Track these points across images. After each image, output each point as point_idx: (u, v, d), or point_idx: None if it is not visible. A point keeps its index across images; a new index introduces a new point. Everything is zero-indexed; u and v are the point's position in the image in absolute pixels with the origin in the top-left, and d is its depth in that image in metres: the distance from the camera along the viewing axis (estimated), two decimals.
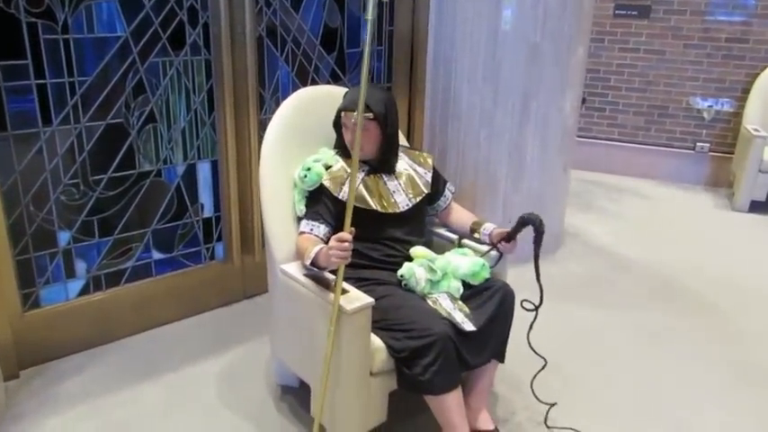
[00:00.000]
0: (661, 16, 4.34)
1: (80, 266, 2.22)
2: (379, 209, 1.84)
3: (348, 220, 1.56)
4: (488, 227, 1.93)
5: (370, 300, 1.64)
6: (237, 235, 2.54)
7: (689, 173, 4.54)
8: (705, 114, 4.41)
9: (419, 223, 1.98)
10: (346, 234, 1.54)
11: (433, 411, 1.72)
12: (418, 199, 1.92)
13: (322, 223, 1.80)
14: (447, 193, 2.07)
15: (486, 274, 1.85)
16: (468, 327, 1.69)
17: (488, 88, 2.88)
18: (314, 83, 2.64)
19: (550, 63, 2.86)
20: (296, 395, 2.07)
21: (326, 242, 1.75)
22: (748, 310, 2.77)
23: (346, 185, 1.83)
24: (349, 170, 1.83)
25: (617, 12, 4.41)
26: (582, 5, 2.88)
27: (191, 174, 2.41)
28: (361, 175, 1.86)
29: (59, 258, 2.16)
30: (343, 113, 1.84)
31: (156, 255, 2.40)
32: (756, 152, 3.91)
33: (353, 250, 1.58)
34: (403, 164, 1.96)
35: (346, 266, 1.61)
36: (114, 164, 2.20)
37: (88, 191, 2.16)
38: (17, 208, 2.03)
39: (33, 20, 1.91)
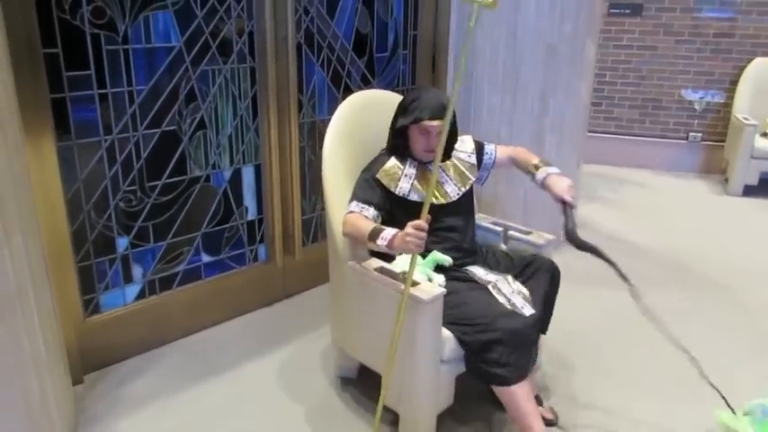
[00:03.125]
0: (653, 14, 4.54)
1: (137, 271, 2.27)
2: (434, 201, 1.90)
3: (426, 209, 1.62)
4: (540, 175, 1.96)
5: (442, 290, 1.74)
6: (279, 236, 2.62)
7: (683, 161, 4.76)
8: (696, 106, 4.63)
9: (470, 205, 2.07)
10: (423, 223, 1.60)
11: (504, 401, 1.76)
12: (467, 186, 2.00)
13: (372, 207, 1.84)
14: (488, 150, 2.09)
15: None
16: (528, 311, 1.77)
17: (508, 88, 3.00)
18: (347, 87, 2.73)
19: (566, 62, 3.00)
20: (356, 386, 2.15)
21: None
22: (754, 288, 2.95)
23: (401, 181, 1.91)
24: (401, 166, 1.92)
25: (611, 10, 4.60)
26: (593, 4, 3.03)
27: (236, 178, 2.48)
28: (413, 170, 1.93)
29: (118, 264, 2.21)
30: (427, 122, 1.82)
31: (205, 258, 2.46)
32: (748, 140, 4.14)
33: None
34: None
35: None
36: (168, 170, 2.26)
37: (144, 197, 2.22)
38: (79, 215, 2.08)
39: (96, 31, 1.97)
